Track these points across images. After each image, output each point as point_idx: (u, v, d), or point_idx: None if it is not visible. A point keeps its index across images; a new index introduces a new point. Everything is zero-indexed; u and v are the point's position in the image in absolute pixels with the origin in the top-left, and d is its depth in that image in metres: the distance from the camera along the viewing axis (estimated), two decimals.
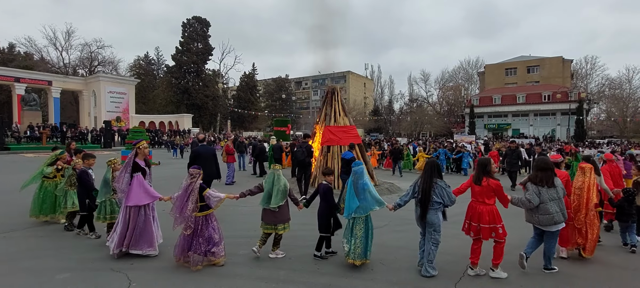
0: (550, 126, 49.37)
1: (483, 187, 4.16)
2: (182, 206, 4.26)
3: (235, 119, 55.85)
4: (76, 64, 48.31)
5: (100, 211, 5.18)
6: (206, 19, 49.00)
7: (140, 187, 4.68)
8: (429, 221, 4.21)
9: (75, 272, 4.25)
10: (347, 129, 10.87)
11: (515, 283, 4.08)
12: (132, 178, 4.67)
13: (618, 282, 4.17)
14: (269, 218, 4.59)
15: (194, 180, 4.31)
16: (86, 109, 40.16)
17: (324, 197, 4.72)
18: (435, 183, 4.20)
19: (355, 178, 4.41)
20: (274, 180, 4.60)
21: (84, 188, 5.46)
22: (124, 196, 4.65)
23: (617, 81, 52.87)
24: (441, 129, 56.03)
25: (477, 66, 65.99)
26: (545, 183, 4.24)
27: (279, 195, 4.53)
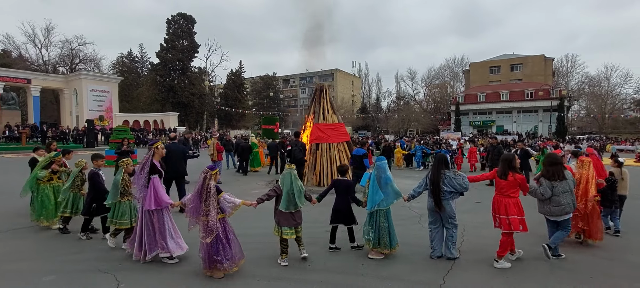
0: (533, 123, 50.72)
1: (509, 182, 4.42)
2: (196, 208, 3.98)
3: (222, 117, 55.19)
4: (56, 62, 46.76)
5: (111, 215, 4.90)
6: (191, 15, 48.21)
7: (158, 190, 4.45)
8: (446, 213, 4.60)
9: (61, 274, 4.16)
10: (335, 126, 10.92)
11: (500, 276, 4.20)
12: (149, 180, 4.42)
13: (600, 270, 4.35)
14: (289, 221, 4.37)
15: (207, 181, 3.97)
16: (67, 108, 38.95)
17: (345, 192, 4.90)
18: (443, 174, 4.56)
19: (379, 173, 4.67)
20: (292, 180, 4.43)
21: (97, 191, 5.18)
22: (141, 199, 4.43)
23: (596, 79, 54.75)
24: (428, 126, 56.82)
25: (462, 64, 67.20)
26: (557, 177, 4.58)
27: (301, 195, 4.46)
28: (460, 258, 4.70)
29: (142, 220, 4.44)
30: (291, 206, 4.36)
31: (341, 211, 4.90)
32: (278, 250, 4.57)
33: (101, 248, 5.01)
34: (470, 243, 5.31)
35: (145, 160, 4.49)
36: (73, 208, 5.63)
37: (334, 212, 4.96)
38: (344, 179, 5.09)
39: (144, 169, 4.44)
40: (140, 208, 4.50)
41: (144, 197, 4.39)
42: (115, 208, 4.85)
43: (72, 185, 5.62)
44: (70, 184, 5.60)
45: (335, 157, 10.47)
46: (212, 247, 3.96)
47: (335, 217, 4.95)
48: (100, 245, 5.15)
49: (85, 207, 5.33)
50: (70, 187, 5.61)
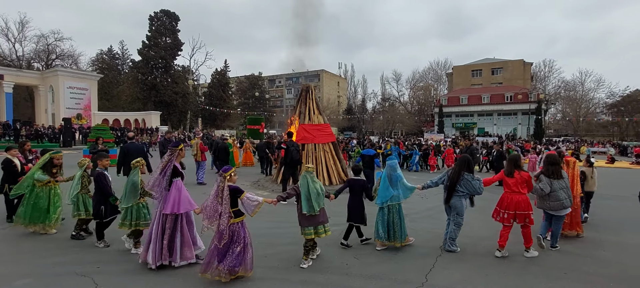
0: (512, 125, 52.30)
1: (516, 179, 4.81)
2: (213, 212, 3.88)
3: (206, 116, 54.34)
4: (31, 57, 44.83)
5: (126, 217, 4.68)
6: (175, 13, 47.28)
7: (180, 193, 4.26)
8: (453, 205, 4.97)
9: (36, 277, 4.01)
10: (321, 127, 10.95)
11: (480, 272, 4.32)
12: (171, 183, 4.26)
13: (574, 267, 4.53)
14: (310, 221, 4.39)
15: (223, 183, 3.89)
16: (43, 106, 37.43)
17: (359, 191, 5.08)
18: (463, 176, 4.92)
19: (390, 171, 4.99)
20: (309, 183, 4.39)
21: (103, 193, 4.88)
22: (161, 202, 4.24)
23: (571, 84, 57.15)
24: (412, 127, 57.75)
25: (445, 67, 68.66)
26: (555, 175, 4.97)
27: (320, 196, 4.43)
28: (442, 256, 4.82)
29: (161, 224, 4.22)
30: (311, 209, 4.30)
31: (355, 210, 5.08)
32: (263, 251, 4.53)
33: (80, 251, 4.86)
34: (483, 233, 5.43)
35: (167, 163, 4.26)
36: (87, 210, 5.29)
37: (349, 210, 5.15)
38: (359, 179, 5.25)
39: (165, 172, 4.23)
40: (158, 211, 4.27)
41: (166, 201, 4.19)
42: (133, 209, 4.68)
43: (77, 185, 5.26)
44: (80, 186, 5.25)
45: (320, 157, 10.49)
46: (219, 250, 3.86)
47: (349, 215, 5.15)
48: (79, 248, 4.99)
49: (94, 211, 4.98)
50: (80, 189, 5.25)
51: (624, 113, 48.00)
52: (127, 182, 4.67)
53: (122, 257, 4.66)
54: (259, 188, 10.26)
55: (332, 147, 10.95)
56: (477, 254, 4.95)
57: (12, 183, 5.85)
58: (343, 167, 10.93)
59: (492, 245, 5.30)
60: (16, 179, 5.87)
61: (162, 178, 4.22)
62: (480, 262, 4.67)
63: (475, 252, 5.02)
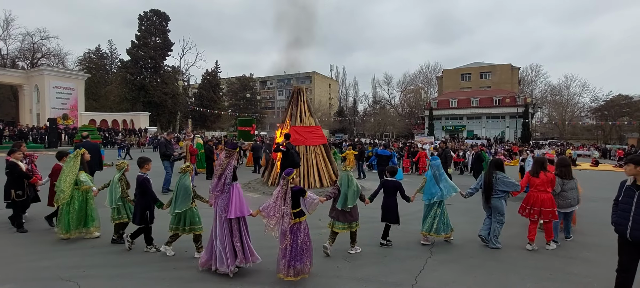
0: (501, 128, 53.22)
1: (542, 179, 5.26)
2: (274, 213, 3.96)
3: (196, 118, 53.79)
4: (16, 56, 43.73)
5: (179, 222, 4.57)
6: (165, 12, 46.75)
7: (240, 196, 4.22)
8: (494, 206, 5.30)
9: (19, 282, 3.90)
10: (312, 129, 10.96)
11: (468, 274, 4.38)
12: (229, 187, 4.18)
13: (559, 268, 4.63)
14: (344, 217, 4.78)
15: (286, 185, 3.98)
16: (27, 105, 36.52)
17: (393, 191, 5.29)
18: (497, 176, 5.30)
19: (435, 171, 5.38)
20: (349, 181, 4.75)
21: (148, 198, 4.78)
22: (218, 207, 4.18)
23: (557, 88, 58.46)
24: (403, 130, 58.20)
25: (435, 70, 69.47)
26: (567, 176, 5.53)
27: (354, 195, 4.78)
28: (432, 258, 4.87)
29: (226, 229, 4.15)
30: (345, 205, 4.71)
31: (390, 210, 5.26)
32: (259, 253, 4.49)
33: (66, 255, 4.74)
34: (442, 244, 5.49)
35: (226, 166, 4.18)
36: (128, 215, 5.14)
37: (384, 210, 5.31)
38: (392, 180, 5.39)
39: (225, 175, 4.17)
40: (219, 217, 4.18)
41: (229, 205, 4.11)
42: (187, 214, 4.57)
43: (118, 188, 5.08)
44: (120, 189, 5.08)
45: (311, 159, 10.50)
46: (288, 250, 3.94)
47: (384, 215, 5.32)
48: (66, 252, 4.87)
49: (137, 216, 4.80)
50: (120, 192, 5.07)
51: (607, 117, 49.31)
52: (179, 187, 4.57)
53: (108, 261, 4.57)
54: (250, 190, 10.19)
55: (323, 149, 10.96)
56: (466, 256, 5.02)
57: (19, 188, 5.53)
58: (334, 169, 10.95)
59: (480, 246, 5.40)
60: (22, 184, 5.57)
61: (218, 182, 4.16)
62: (469, 263, 4.73)
63: (464, 254, 5.08)
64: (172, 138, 11.45)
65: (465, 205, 8.13)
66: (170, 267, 4.36)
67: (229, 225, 4.15)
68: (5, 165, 5.62)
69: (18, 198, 5.51)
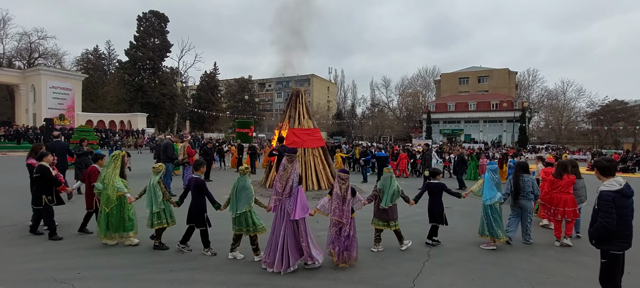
0: (498, 132, 53.44)
1: (565, 181, 5.70)
2: (340, 211, 4.46)
3: (194, 119, 53.65)
4: (12, 55, 43.51)
5: (242, 224, 4.61)
6: (164, 14, 46.71)
7: (304, 199, 4.42)
8: (523, 206, 5.71)
9: (13, 284, 3.85)
10: (310, 131, 10.95)
11: (465, 277, 4.37)
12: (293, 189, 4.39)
13: (556, 271, 4.63)
14: (382, 215, 5.13)
15: (346, 184, 4.52)
16: (23, 105, 36.31)
17: (438, 193, 5.47)
18: (523, 178, 5.69)
19: (492, 174, 5.51)
20: (391, 182, 5.12)
21: (207, 199, 4.80)
22: (281, 209, 4.36)
23: (554, 93, 58.85)
24: (401, 133, 58.30)
25: (433, 74, 69.75)
26: (577, 176, 5.98)
27: (393, 196, 5.09)
28: (429, 261, 4.87)
29: (291, 230, 4.33)
30: (386, 204, 5.04)
31: (436, 211, 5.44)
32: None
33: (60, 256, 4.70)
34: (439, 247, 5.49)
35: (291, 171, 4.42)
36: (172, 218, 5.06)
37: (430, 212, 5.49)
38: (436, 182, 5.58)
39: (291, 179, 4.38)
40: (283, 219, 4.33)
41: (295, 207, 4.28)
42: (247, 215, 4.61)
43: (157, 190, 4.92)
44: (161, 192, 4.94)
45: (310, 162, 10.48)
46: (345, 241, 4.43)
47: (431, 216, 5.50)
48: (61, 253, 4.82)
49: (195, 218, 4.79)
50: (162, 195, 4.94)
51: (603, 122, 49.64)
52: (239, 188, 4.58)
53: (103, 262, 4.53)
54: None
55: (322, 151, 10.95)
56: (464, 259, 5.01)
57: (49, 194, 5.35)
58: (332, 172, 10.93)
59: (477, 251, 5.40)
60: (52, 189, 5.42)
61: (289, 187, 4.34)
62: (466, 267, 4.72)
63: (462, 257, 5.08)
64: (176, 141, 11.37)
65: (464, 208, 8.15)
66: (167, 269, 4.34)
67: (295, 226, 4.37)
68: (36, 170, 5.39)
69: (49, 203, 5.34)
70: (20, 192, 8.68)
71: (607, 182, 3.11)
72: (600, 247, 3.13)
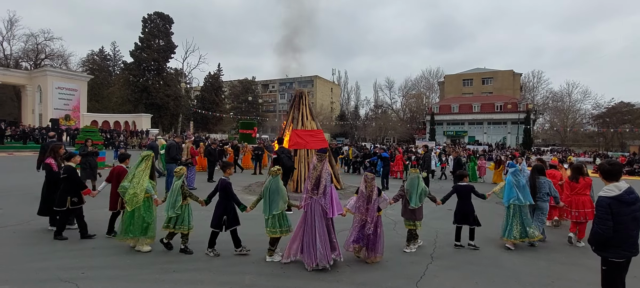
0: (502, 134, 53.08)
1: (581, 184, 5.96)
2: (363, 209, 4.72)
3: (198, 120, 53.89)
4: (19, 56, 44.04)
5: (276, 225, 4.61)
6: (169, 15, 47.00)
7: (337, 197, 4.64)
8: (538, 206, 5.87)
9: (18, 283, 3.88)
10: (314, 132, 10.95)
11: (469, 280, 4.35)
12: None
13: (560, 274, 4.60)
14: (409, 215, 5.29)
15: (371, 184, 4.76)
16: (30, 106, 36.67)
17: (467, 195, 5.58)
18: (539, 179, 5.89)
19: (516, 177, 5.64)
20: (419, 183, 5.26)
21: (232, 201, 4.80)
22: (313, 207, 4.51)
23: (559, 94, 58.43)
24: (404, 134, 58.13)
25: (437, 76, 69.48)
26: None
27: (423, 195, 5.27)
28: (432, 263, 4.84)
29: (325, 226, 4.48)
30: (415, 204, 5.17)
31: (466, 213, 5.52)
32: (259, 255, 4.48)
33: (65, 256, 4.73)
34: (442, 250, 5.46)
35: (321, 170, 4.59)
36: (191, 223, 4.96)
37: (460, 214, 5.57)
38: (464, 184, 5.68)
39: (324, 178, 4.54)
40: (317, 217, 4.47)
41: (332, 205, 4.49)
42: (281, 216, 4.64)
43: (176, 194, 4.81)
44: (181, 196, 4.83)
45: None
46: (372, 237, 4.68)
47: (461, 218, 5.56)
48: (66, 252, 4.85)
49: (216, 220, 4.77)
50: (181, 199, 4.82)
51: (609, 124, 49.19)
52: (272, 190, 4.62)
53: (108, 262, 4.56)
54: (249, 193, 10.18)
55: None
56: (467, 262, 4.98)
57: (75, 195, 5.24)
58: (335, 173, 10.93)
59: (481, 253, 5.37)
60: (77, 191, 5.30)
61: (322, 186, 4.50)
62: (470, 269, 4.70)
63: (465, 260, 5.05)
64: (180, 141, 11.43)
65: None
66: (170, 269, 4.35)
67: (328, 222, 4.56)
68: (63, 170, 5.30)
69: (73, 205, 5.23)
70: (25, 192, 8.76)
71: (607, 187, 3.01)
72: (599, 253, 3.06)
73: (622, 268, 3.00)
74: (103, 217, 5.80)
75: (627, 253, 2.94)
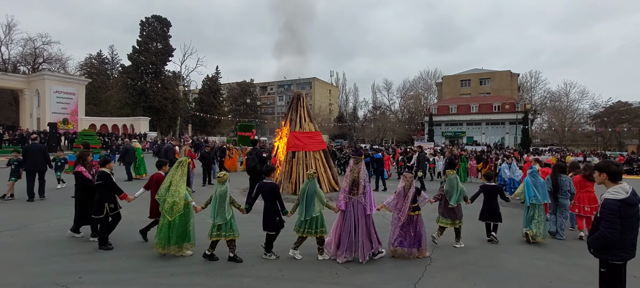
0: (500, 134, 53.17)
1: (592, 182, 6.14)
2: (401, 206, 5.01)
3: (197, 123, 53.80)
4: (17, 61, 43.88)
5: (312, 226, 4.77)
6: (167, 18, 46.97)
7: (372, 195, 4.94)
8: (561, 204, 6.24)
9: None
10: (312, 134, 10.94)
11: (468, 281, 4.34)
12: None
13: (560, 275, 4.59)
14: (450, 214, 5.56)
15: (409, 184, 5.08)
16: (28, 110, 36.55)
17: (494, 194, 5.94)
18: (561, 178, 6.24)
19: (535, 176, 6.09)
20: (458, 183, 5.61)
21: (280, 204, 4.94)
22: (352, 205, 4.82)
23: (557, 94, 58.56)
24: (403, 135, 58.17)
25: (435, 77, 69.61)
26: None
27: (462, 194, 5.59)
28: (431, 265, 4.84)
29: (363, 225, 4.79)
30: (454, 202, 5.50)
31: (492, 211, 5.91)
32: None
33: (62, 260, 4.70)
34: (441, 250, 5.45)
35: (359, 171, 4.88)
36: None
37: (486, 211, 5.97)
38: (492, 184, 6.07)
39: (362, 179, 4.84)
40: (355, 214, 4.80)
41: (370, 203, 4.83)
42: (320, 218, 4.81)
43: (222, 199, 4.67)
44: (228, 199, 4.71)
45: (311, 165, 10.46)
46: (415, 236, 5.00)
47: (487, 215, 5.97)
48: (63, 257, 4.83)
49: (272, 224, 4.83)
50: (230, 203, 4.74)
51: (606, 124, 49.31)
52: (309, 192, 4.75)
53: (105, 266, 4.54)
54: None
55: (323, 154, 10.94)
56: (466, 262, 4.98)
57: (112, 202, 5.12)
58: (334, 175, 10.92)
59: (480, 254, 5.37)
60: (115, 197, 5.19)
61: (361, 186, 4.80)
62: (469, 270, 4.69)
63: (464, 261, 5.05)
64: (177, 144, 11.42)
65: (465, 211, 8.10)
66: (168, 273, 4.33)
67: (368, 220, 4.86)
68: (98, 176, 5.18)
69: (111, 211, 5.12)
70: (22, 196, 8.72)
71: (613, 189, 2.89)
72: (599, 256, 2.98)
73: (621, 270, 2.96)
74: None
75: (626, 255, 2.90)
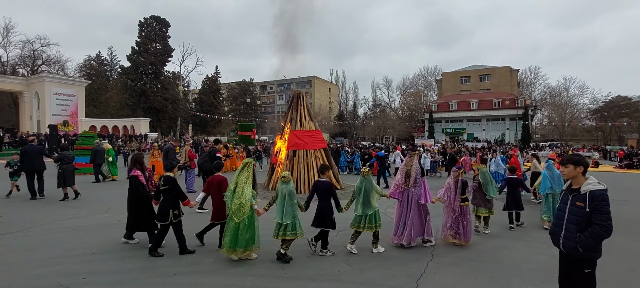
0: (500, 130, 53.17)
1: None
2: (451, 198, 5.46)
3: (197, 123, 53.82)
4: (16, 63, 43.89)
5: (372, 222, 5.08)
6: (165, 19, 46.91)
7: (428, 187, 5.47)
8: None
9: None
10: (312, 133, 10.96)
11: (469, 276, 4.36)
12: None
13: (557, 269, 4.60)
14: (487, 204, 6.27)
15: (459, 177, 5.53)
16: (27, 112, 36.59)
17: (517, 186, 6.69)
18: None
19: (552, 170, 6.83)
20: (490, 178, 6.25)
21: (335, 201, 5.05)
22: (407, 196, 5.34)
23: (556, 90, 58.45)
24: (403, 133, 58.17)
25: (435, 74, 69.53)
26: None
27: (494, 186, 6.35)
28: (433, 261, 4.86)
29: (417, 214, 5.31)
30: (490, 195, 6.16)
31: (517, 200, 6.66)
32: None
33: (66, 262, 4.73)
34: (442, 246, 5.48)
35: (412, 165, 5.38)
36: None
37: (510, 200, 6.69)
38: (516, 177, 6.88)
39: (415, 172, 5.34)
40: (406, 203, 5.34)
41: (425, 194, 5.32)
42: (376, 214, 5.09)
43: (285, 200, 4.68)
44: (290, 200, 4.70)
45: (312, 163, 10.49)
46: (461, 224, 5.42)
47: (511, 204, 6.69)
48: (66, 258, 4.86)
49: (329, 221, 4.96)
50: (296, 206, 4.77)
51: (606, 118, 49.28)
52: (366, 189, 5.08)
53: (109, 267, 4.57)
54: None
55: (324, 153, 10.96)
56: (468, 258, 5.00)
57: (176, 208, 4.92)
58: (334, 173, 10.94)
59: (481, 250, 5.39)
60: (178, 203, 4.96)
61: (413, 178, 5.29)
62: (470, 266, 4.72)
63: (465, 257, 5.07)
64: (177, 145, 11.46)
65: None
66: (171, 273, 4.36)
67: (421, 209, 5.33)
68: (163, 182, 4.94)
69: (175, 218, 4.94)
70: (24, 199, 8.75)
71: (588, 182, 2.78)
72: (586, 255, 2.76)
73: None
74: (101, 221, 5.79)
75: (601, 249, 2.76)
